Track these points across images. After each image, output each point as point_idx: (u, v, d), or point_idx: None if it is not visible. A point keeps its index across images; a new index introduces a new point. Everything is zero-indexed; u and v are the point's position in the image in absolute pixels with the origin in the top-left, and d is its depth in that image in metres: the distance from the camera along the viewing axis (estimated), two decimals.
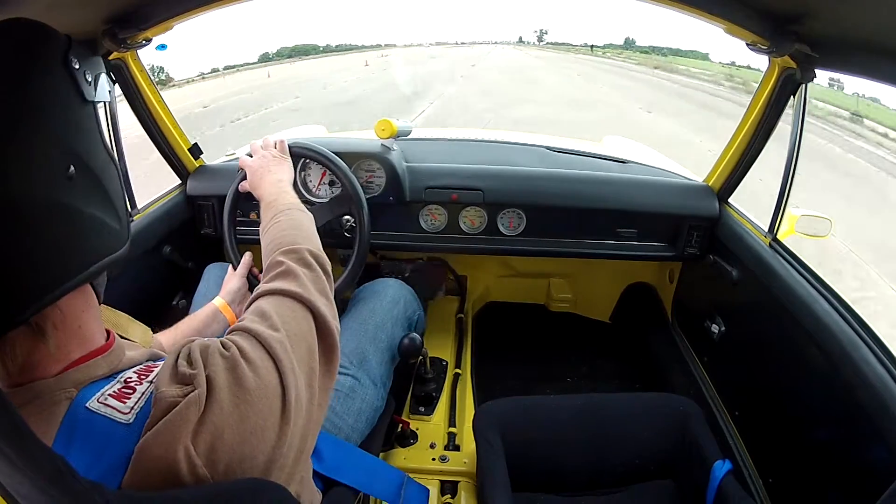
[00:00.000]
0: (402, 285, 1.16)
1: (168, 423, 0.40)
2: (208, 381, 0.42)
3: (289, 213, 0.75)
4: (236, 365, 0.45)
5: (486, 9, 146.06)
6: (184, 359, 0.45)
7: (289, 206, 0.77)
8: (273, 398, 0.45)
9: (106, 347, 0.47)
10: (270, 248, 0.66)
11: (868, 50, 0.74)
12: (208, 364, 0.44)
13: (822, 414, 0.88)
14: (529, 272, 1.80)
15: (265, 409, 0.44)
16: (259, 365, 0.46)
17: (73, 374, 0.42)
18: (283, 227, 0.71)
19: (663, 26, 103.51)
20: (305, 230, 0.71)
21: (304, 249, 0.63)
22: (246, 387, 0.44)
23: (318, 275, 0.61)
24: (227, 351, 0.46)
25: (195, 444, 0.39)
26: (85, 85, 0.46)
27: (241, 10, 4.07)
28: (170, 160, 1.32)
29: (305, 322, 0.53)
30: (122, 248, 0.47)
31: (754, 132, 1.12)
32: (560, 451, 0.96)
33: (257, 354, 0.47)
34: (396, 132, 1.22)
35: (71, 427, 0.39)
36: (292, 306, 0.54)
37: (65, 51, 0.44)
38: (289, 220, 0.73)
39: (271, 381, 0.46)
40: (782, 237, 1.08)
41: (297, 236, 0.68)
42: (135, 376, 0.45)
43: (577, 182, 1.31)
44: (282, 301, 0.54)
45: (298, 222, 0.73)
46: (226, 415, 0.41)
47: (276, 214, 0.74)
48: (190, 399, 0.41)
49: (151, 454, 0.39)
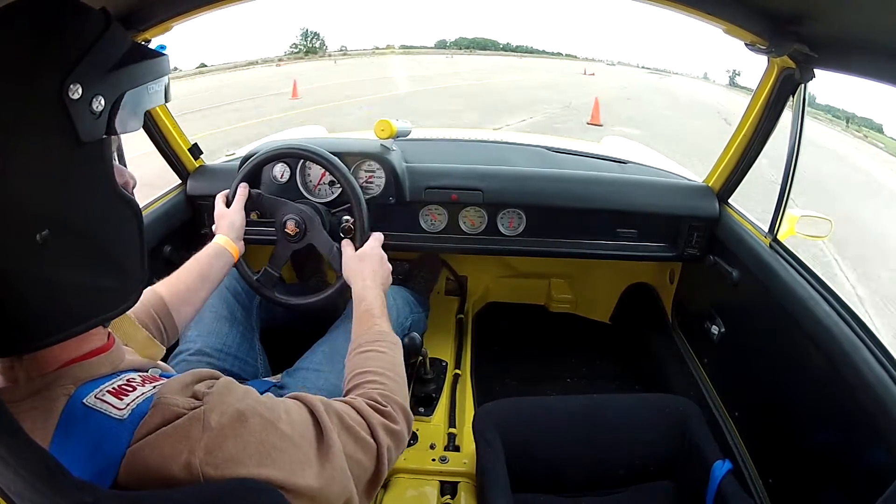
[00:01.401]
0: (395, 291, 1.17)
1: (167, 434, 0.39)
2: (241, 413, 0.42)
3: (393, 346, 0.74)
4: (275, 414, 0.45)
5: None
6: (205, 385, 0.44)
7: (390, 336, 0.75)
8: (302, 458, 0.45)
9: (107, 347, 0.46)
10: (370, 376, 0.65)
11: (868, 50, 0.74)
12: (244, 401, 0.44)
13: (821, 414, 0.87)
14: (529, 272, 1.80)
15: (288, 464, 0.43)
16: (299, 427, 0.46)
17: (73, 371, 0.42)
18: (385, 363, 0.69)
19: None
20: (402, 376, 0.70)
21: (403, 407, 0.62)
22: (279, 434, 0.44)
23: (404, 430, 0.60)
24: (272, 400, 0.46)
25: (203, 464, 0.39)
26: (86, 120, 0.35)
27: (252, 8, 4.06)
28: (170, 160, 1.32)
29: (366, 457, 0.53)
30: (125, 305, 0.43)
31: (754, 132, 1.12)
32: (560, 452, 0.96)
33: (304, 419, 0.47)
34: (396, 132, 1.22)
35: (68, 422, 0.39)
36: (366, 436, 0.54)
37: (68, 67, 0.34)
38: (390, 357, 0.71)
39: (306, 447, 0.46)
40: (782, 238, 1.08)
41: (398, 383, 0.67)
42: (138, 378, 0.45)
43: (578, 182, 1.30)
44: (361, 423, 0.54)
45: (398, 361, 0.72)
46: (249, 452, 0.41)
47: (379, 340, 0.73)
48: (194, 415, 0.40)
49: (146, 463, 0.38)
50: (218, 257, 0.88)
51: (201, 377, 0.45)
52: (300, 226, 1.02)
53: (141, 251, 0.43)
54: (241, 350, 1.00)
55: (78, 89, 0.34)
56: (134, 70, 0.39)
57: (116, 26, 0.39)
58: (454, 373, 1.39)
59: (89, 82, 0.35)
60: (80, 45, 0.35)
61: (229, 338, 0.99)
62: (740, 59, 32.37)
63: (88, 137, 0.36)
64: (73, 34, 0.35)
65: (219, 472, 0.39)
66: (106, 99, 0.37)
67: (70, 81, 0.34)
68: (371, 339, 0.72)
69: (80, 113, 0.35)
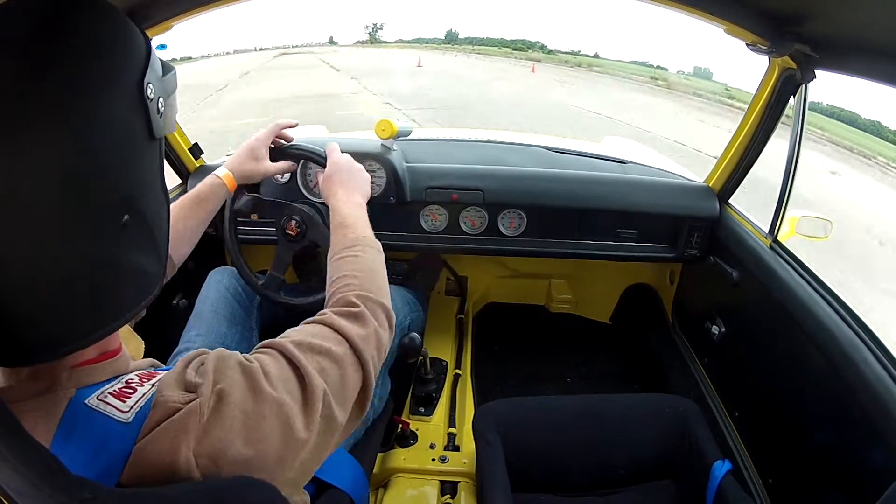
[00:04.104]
0: (395, 291, 1.16)
1: (166, 429, 0.39)
2: (220, 393, 0.41)
3: (370, 249, 0.72)
4: (255, 383, 0.43)
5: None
6: (194, 369, 0.44)
7: (368, 241, 0.73)
8: (288, 428, 0.44)
9: (114, 353, 0.46)
10: (346, 280, 0.64)
11: (868, 50, 0.74)
12: (224, 377, 0.43)
13: (821, 415, 0.87)
14: (530, 273, 1.80)
15: (277, 436, 0.43)
16: (280, 387, 0.44)
17: (78, 374, 0.42)
18: (363, 265, 0.67)
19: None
20: (384, 279, 0.69)
21: (383, 306, 0.61)
22: (261, 407, 0.42)
23: (387, 335, 0.59)
24: (248, 366, 0.45)
25: (197, 455, 0.39)
26: (156, 118, 0.41)
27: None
28: (170, 160, 1.32)
29: (352, 374, 0.52)
30: (156, 290, 0.45)
31: (754, 133, 1.12)
32: (560, 452, 0.96)
33: (283, 375, 0.45)
34: (397, 132, 1.22)
35: (70, 424, 0.39)
36: (347, 352, 0.52)
37: (142, 69, 0.39)
38: (370, 260, 0.69)
39: (291, 402, 0.44)
40: (783, 238, 1.08)
41: (377, 285, 0.65)
42: (136, 378, 0.45)
43: (578, 182, 1.30)
44: (339, 341, 0.53)
45: (378, 265, 0.70)
46: (233, 431, 0.40)
47: (355, 245, 0.71)
48: (191, 408, 0.40)
49: (149, 459, 0.38)
50: (217, 197, 0.86)
51: (189, 361, 0.45)
52: (301, 226, 1.02)
53: (167, 247, 0.47)
54: (240, 350, 0.99)
55: (151, 89, 0.39)
56: (170, 79, 0.45)
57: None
58: (454, 373, 1.39)
59: (155, 85, 0.40)
60: (145, 53, 0.40)
61: (229, 337, 0.99)
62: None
63: (158, 134, 0.41)
64: (138, 42, 0.40)
65: (211, 460, 0.39)
66: (164, 101, 0.42)
67: (146, 81, 0.39)
68: (345, 245, 0.70)
69: (152, 111, 0.40)
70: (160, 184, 0.44)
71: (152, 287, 0.44)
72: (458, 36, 60.37)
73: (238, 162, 0.90)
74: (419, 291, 1.41)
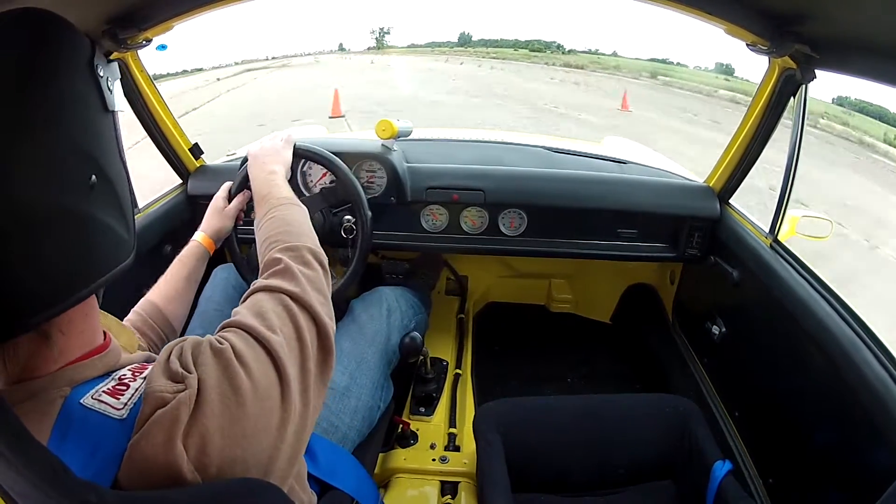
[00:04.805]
0: (399, 294, 1.17)
1: (157, 422, 0.39)
2: (199, 382, 0.41)
3: (283, 208, 0.73)
4: (228, 365, 0.43)
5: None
6: (176, 357, 0.44)
7: (282, 201, 0.75)
8: (269, 400, 0.44)
9: (103, 348, 0.46)
10: (266, 244, 0.65)
11: (868, 50, 0.74)
12: (199, 364, 0.43)
13: (822, 415, 0.87)
14: (530, 272, 1.80)
15: (259, 412, 0.43)
16: (253, 367, 0.44)
17: (69, 373, 0.42)
18: (278, 223, 0.69)
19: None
20: (302, 226, 0.70)
21: (304, 247, 0.62)
22: (238, 388, 0.42)
23: (317, 273, 0.60)
24: (220, 349, 0.45)
25: (186, 446, 0.39)
26: (107, 93, 0.46)
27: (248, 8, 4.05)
28: (170, 160, 1.32)
29: (305, 323, 0.53)
30: (129, 258, 0.47)
31: (755, 133, 1.12)
32: (560, 452, 0.96)
33: (253, 354, 0.46)
34: (397, 133, 1.22)
35: (65, 424, 0.39)
36: (291, 306, 0.53)
37: (90, 54, 0.44)
38: (284, 216, 0.71)
39: (267, 383, 0.45)
40: (783, 238, 1.08)
41: (294, 233, 0.66)
42: (129, 374, 0.45)
43: (579, 182, 1.31)
44: (280, 300, 0.53)
45: (294, 217, 0.71)
46: (216, 417, 0.40)
47: (269, 210, 0.73)
48: (181, 398, 0.40)
49: (143, 453, 0.38)
50: (200, 259, 0.91)
51: (170, 350, 0.45)
52: None
53: (132, 217, 0.50)
54: None
55: (100, 68, 0.45)
56: (114, 67, 0.50)
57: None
58: (455, 372, 1.39)
59: (102, 66, 0.45)
60: (90, 43, 0.45)
61: None
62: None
63: (111, 107, 0.46)
64: (80, 36, 0.45)
65: (201, 449, 0.39)
66: (112, 82, 0.47)
67: (95, 62, 0.44)
68: (261, 216, 0.73)
69: (104, 86, 0.45)
70: (120, 156, 0.48)
71: (124, 252, 0.46)
72: (472, 38, 59.13)
73: (208, 224, 0.97)
74: (421, 292, 1.41)
